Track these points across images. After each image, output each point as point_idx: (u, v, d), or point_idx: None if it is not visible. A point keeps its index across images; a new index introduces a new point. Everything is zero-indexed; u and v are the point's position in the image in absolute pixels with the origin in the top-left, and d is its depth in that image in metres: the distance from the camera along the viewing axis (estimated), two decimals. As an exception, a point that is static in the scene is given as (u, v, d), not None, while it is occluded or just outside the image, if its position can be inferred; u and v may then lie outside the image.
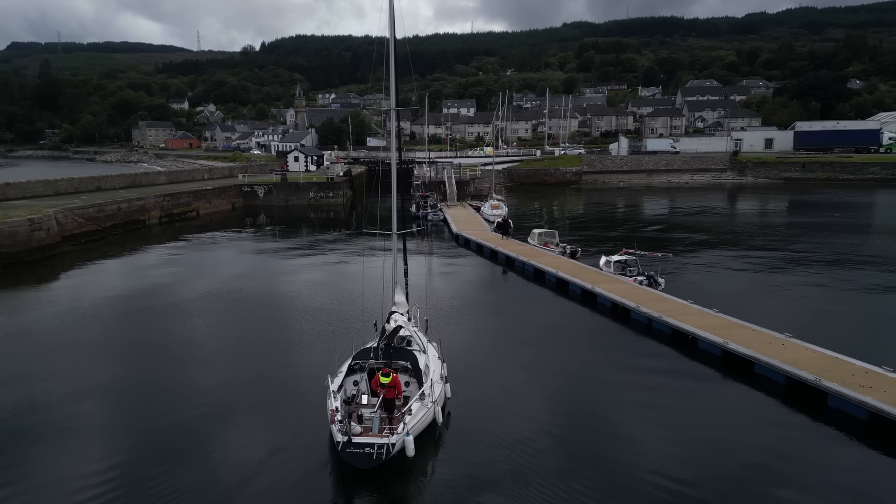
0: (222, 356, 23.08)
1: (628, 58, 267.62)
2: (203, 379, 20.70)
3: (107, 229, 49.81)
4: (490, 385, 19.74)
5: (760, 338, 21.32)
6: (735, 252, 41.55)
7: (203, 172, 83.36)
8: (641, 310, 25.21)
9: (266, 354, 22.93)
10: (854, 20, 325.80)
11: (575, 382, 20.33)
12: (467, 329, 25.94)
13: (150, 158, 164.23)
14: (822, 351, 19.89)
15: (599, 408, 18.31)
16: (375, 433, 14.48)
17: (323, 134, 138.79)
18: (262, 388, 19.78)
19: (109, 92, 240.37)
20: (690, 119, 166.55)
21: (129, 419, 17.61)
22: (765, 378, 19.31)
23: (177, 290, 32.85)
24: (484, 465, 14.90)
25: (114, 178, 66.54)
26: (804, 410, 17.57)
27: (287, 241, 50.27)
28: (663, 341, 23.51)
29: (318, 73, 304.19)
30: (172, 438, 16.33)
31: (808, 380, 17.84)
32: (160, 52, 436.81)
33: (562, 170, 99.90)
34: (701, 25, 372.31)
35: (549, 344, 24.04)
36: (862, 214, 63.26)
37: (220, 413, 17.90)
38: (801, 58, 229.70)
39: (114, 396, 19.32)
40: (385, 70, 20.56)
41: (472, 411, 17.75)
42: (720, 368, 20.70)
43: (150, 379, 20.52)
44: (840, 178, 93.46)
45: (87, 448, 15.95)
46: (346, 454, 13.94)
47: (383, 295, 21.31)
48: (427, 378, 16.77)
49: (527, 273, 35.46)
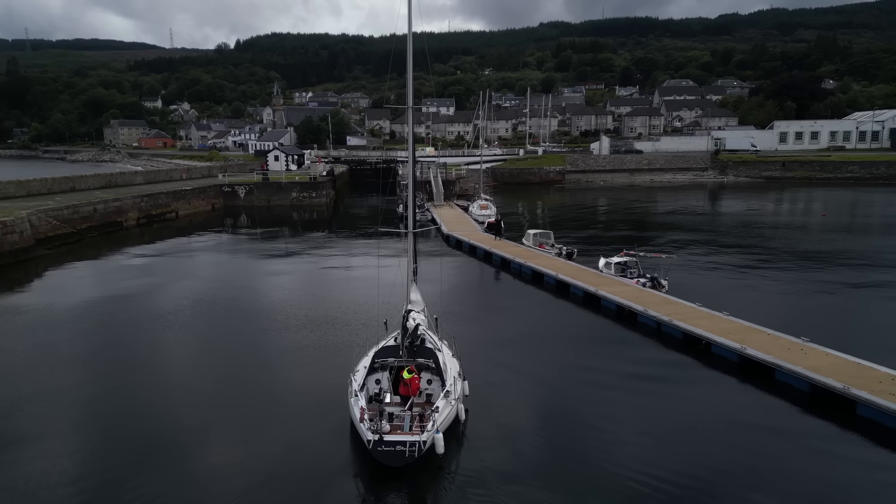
0: (225, 363, 22.00)
1: (605, 58, 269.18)
2: (208, 385, 20.08)
3: (82, 231, 47.88)
4: (501, 384, 19.66)
5: (777, 342, 20.71)
6: (733, 252, 41.26)
7: (181, 172, 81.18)
8: (650, 313, 24.50)
9: (280, 357, 22.52)
10: (824, 22, 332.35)
11: (586, 387, 19.79)
12: (471, 331, 24.98)
13: (122, 158, 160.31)
14: (843, 356, 19.31)
15: (616, 413, 17.57)
16: (407, 431, 14.55)
17: (302, 133, 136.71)
18: (278, 391, 19.58)
19: (80, 90, 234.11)
20: (668, 118, 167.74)
21: (143, 426, 16.41)
22: (787, 385, 18.66)
23: (160, 296, 31.37)
24: (509, 460, 15.06)
25: (89, 178, 64.31)
26: (832, 419, 16.95)
27: (274, 243, 48.79)
28: (674, 346, 22.82)
29: (295, 72, 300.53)
30: (186, 444, 16.04)
31: (835, 388, 17.22)
32: (132, 50, 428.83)
33: (545, 169, 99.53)
34: (675, 26, 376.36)
35: (556, 347, 23.41)
36: (846, 213, 63.76)
37: (232, 418, 17.48)
38: (774, 58, 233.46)
39: (106, 406, 18.04)
40: (390, 68, 19.62)
41: (489, 408, 17.81)
42: (737, 374, 20.05)
43: (155, 385, 19.51)
44: (819, 176, 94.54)
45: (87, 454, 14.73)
46: (377, 453, 13.93)
47: (382, 294, 22.13)
48: (449, 376, 16.99)
49: (524, 275, 34.61)
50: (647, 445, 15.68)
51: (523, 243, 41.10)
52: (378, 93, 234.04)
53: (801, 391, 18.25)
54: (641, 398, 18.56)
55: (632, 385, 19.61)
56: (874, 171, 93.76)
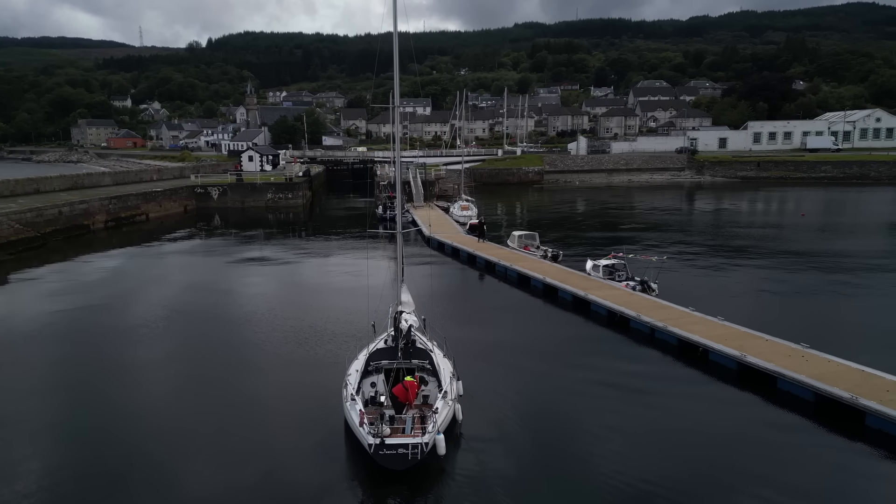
0: (207, 374, 20.84)
1: (580, 58, 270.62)
2: (191, 398, 19.17)
3: (47, 235, 45.82)
4: (493, 386, 19.44)
5: (776, 349, 20.08)
6: (718, 253, 40.94)
7: (152, 173, 78.85)
8: (643, 319, 23.76)
9: (265, 364, 21.89)
10: (792, 24, 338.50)
11: (581, 395, 19.13)
12: (456, 339, 23.98)
13: (90, 158, 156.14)
14: (846, 363, 18.73)
15: (614, 423, 16.96)
16: (409, 433, 14.34)
17: (276, 133, 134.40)
18: (266, 398, 19.11)
19: (46, 88, 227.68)
20: (643, 119, 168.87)
21: (122, 451, 15.08)
22: (790, 395, 18.00)
23: (131, 305, 29.86)
24: (507, 460, 15.10)
25: (54, 179, 61.87)
26: (840, 431, 16.31)
27: (250, 246, 47.22)
28: (669, 353, 22.09)
29: (269, 71, 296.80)
30: (171, 463, 15.34)
31: (842, 397, 16.59)
32: (100, 48, 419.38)
33: (524, 169, 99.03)
34: (648, 28, 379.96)
35: (546, 354, 22.59)
36: (824, 212, 64.21)
37: (219, 430, 16.86)
38: (745, 60, 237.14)
39: (71, 431, 16.65)
40: (378, 67, 18.72)
41: (483, 407, 17.64)
42: (737, 383, 19.35)
43: (129, 405, 18.15)
44: (794, 176, 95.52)
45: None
46: (379, 456, 13.74)
47: (373, 296, 21.47)
48: (444, 376, 16.93)
49: (509, 278, 33.73)
50: (649, 456, 15.21)
51: (508, 245, 40.23)
52: (353, 92, 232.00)
53: (805, 401, 17.60)
54: (639, 408, 17.85)
55: (628, 394, 18.86)
56: (847, 170, 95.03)
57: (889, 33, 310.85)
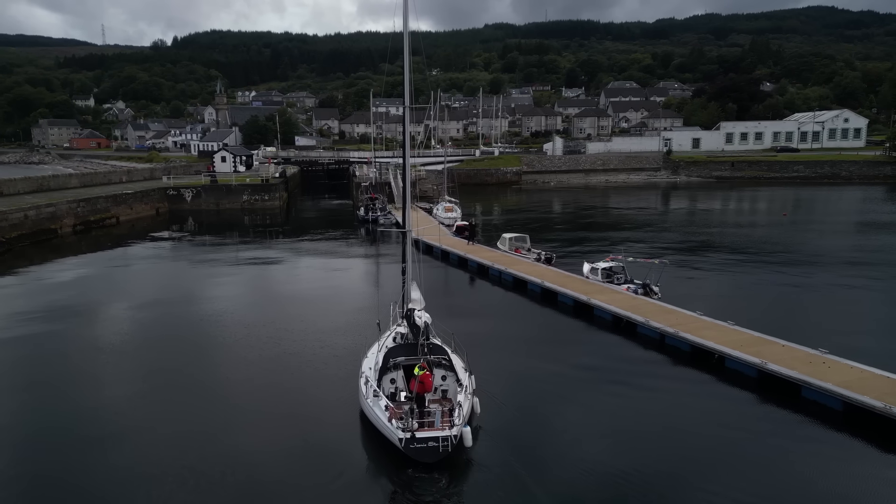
0: (200, 385, 19.29)
1: (551, 59, 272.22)
2: (203, 397, 18.74)
3: (11, 241, 43.45)
4: (501, 387, 19.30)
5: (795, 355, 19.50)
6: (712, 255, 40.58)
7: (121, 174, 76.06)
8: (652, 324, 23.03)
9: (280, 362, 21.75)
10: (755, 27, 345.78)
11: (599, 402, 18.63)
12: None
13: (53, 159, 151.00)
14: (870, 370, 18.18)
15: (636, 428, 16.56)
16: (438, 426, 14.56)
17: (248, 133, 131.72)
18: (286, 395, 19.15)
19: (5, 87, 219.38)
20: (616, 119, 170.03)
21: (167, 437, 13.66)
22: (815, 404, 17.37)
23: (102, 314, 28.38)
24: (529, 451, 15.34)
25: (18, 181, 59.04)
26: (873, 441, 15.69)
27: (226, 250, 45.48)
28: (683, 360, 21.33)
29: (237, 70, 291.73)
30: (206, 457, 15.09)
31: (874, 406, 16.00)
32: (61, 46, 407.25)
33: (502, 170, 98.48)
34: (616, 29, 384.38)
35: (554, 359, 21.88)
36: (806, 211, 64.85)
37: (233, 436, 16.52)
38: (711, 61, 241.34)
39: (41, 458, 15.18)
40: (382, 65, 17.81)
41: (497, 402, 17.92)
42: (758, 391, 18.66)
43: (105, 427, 16.54)
44: (767, 176, 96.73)
45: None
46: (410, 450, 14.12)
47: (367, 294, 22.82)
48: (460, 371, 17.27)
49: (504, 282, 32.80)
50: (678, 467, 14.81)
51: (498, 247, 39.29)
52: (325, 92, 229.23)
53: (833, 410, 16.97)
54: (658, 417, 17.14)
55: (645, 403, 18.16)
56: (819, 170, 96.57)
57: (847, 36, 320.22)
